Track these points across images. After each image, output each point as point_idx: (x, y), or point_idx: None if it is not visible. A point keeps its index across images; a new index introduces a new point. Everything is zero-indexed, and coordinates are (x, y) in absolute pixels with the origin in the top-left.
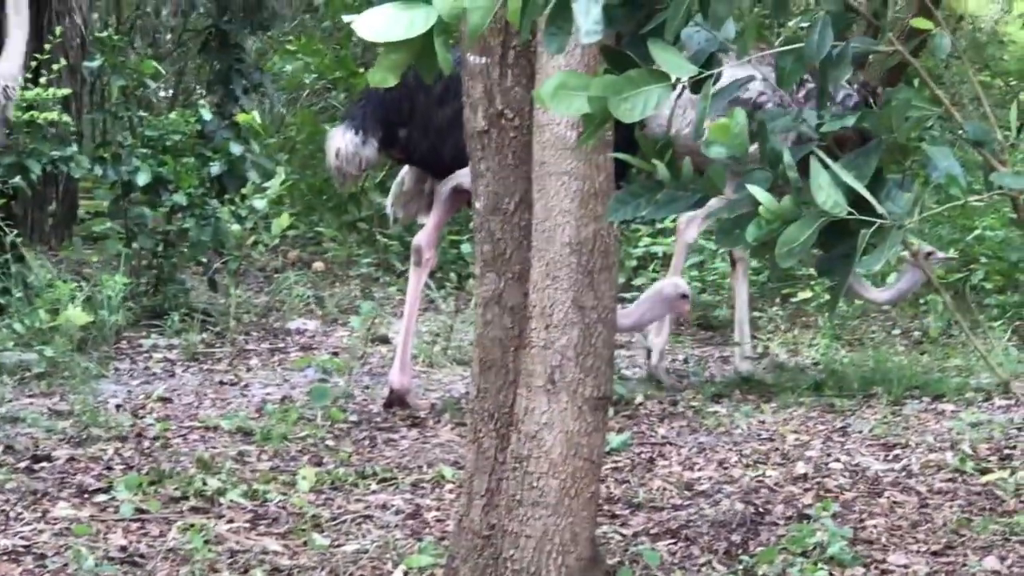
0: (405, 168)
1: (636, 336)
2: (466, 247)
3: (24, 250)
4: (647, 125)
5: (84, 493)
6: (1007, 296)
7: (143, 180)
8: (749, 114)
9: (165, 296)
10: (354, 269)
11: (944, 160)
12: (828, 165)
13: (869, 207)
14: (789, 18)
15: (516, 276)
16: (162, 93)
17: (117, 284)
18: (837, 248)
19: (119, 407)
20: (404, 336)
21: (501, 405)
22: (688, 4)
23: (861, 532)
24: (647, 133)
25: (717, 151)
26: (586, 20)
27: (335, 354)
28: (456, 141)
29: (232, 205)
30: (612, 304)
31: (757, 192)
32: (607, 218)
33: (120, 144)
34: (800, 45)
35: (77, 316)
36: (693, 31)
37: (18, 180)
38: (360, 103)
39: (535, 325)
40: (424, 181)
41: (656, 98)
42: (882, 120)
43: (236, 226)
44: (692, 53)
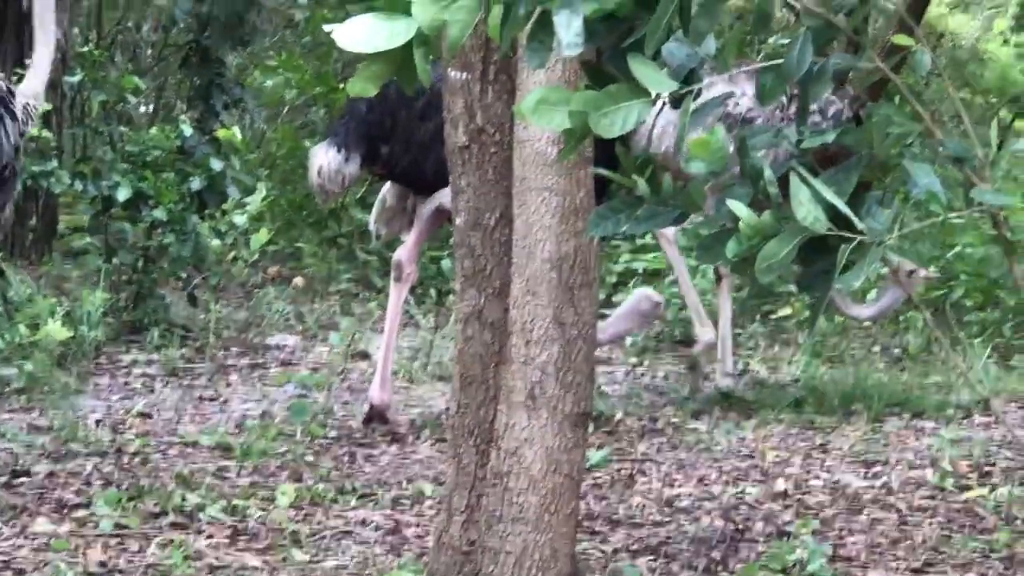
0: (387, 185)
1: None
2: (446, 263)
3: (4, 265)
4: (640, 140)
5: (63, 508)
6: (987, 313)
7: (123, 195)
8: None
9: (145, 311)
10: (334, 285)
11: (924, 177)
12: (808, 181)
13: (849, 223)
14: (770, 34)
15: (496, 292)
16: (142, 108)
17: (97, 299)
18: (817, 264)
19: (99, 422)
20: (384, 351)
21: (481, 421)
22: (668, 19)
23: (841, 549)
24: (644, 149)
25: (697, 167)
26: (567, 33)
27: (315, 370)
28: (438, 157)
29: (212, 221)
30: (592, 320)
31: (737, 208)
32: (587, 233)
33: (100, 159)
34: (780, 61)
35: (57, 331)
36: (674, 46)
37: None
38: (342, 120)
39: (515, 341)
40: (406, 198)
41: (636, 113)
42: (863, 136)
43: (216, 241)
44: (673, 68)
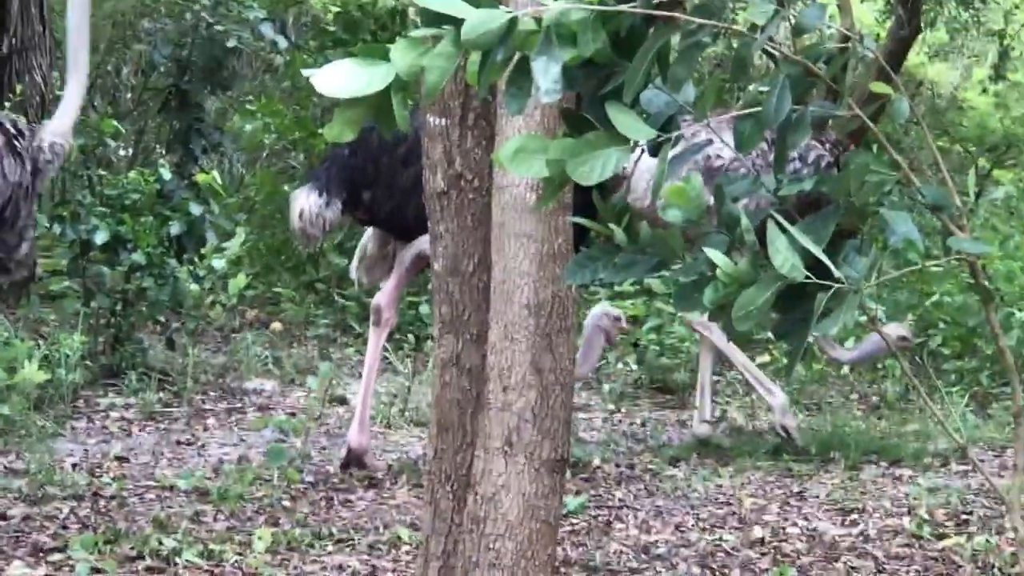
0: (369, 232)
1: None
2: (424, 308)
3: None
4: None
5: (39, 552)
6: (965, 362)
7: (101, 239)
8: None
9: (122, 355)
10: (312, 330)
11: (902, 225)
12: (786, 228)
13: (827, 271)
14: (749, 81)
15: (474, 338)
16: (122, 152)
17: (74, 343)
18: (794, 312)
19: (75, 466)
20: (363, 395)
21: (458, 467)
22: (647, 66)
23: None
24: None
25: (674, 215)
26: (545, 79)
27: (292, 414)
28: (419, 202)
29: (191, 265)
30: (570, 367)
31: (714, 255)
32: (565, 281)
33: (79, 203)
34: (759, 109)
35: (34, 374)
36: (652, 94)
37: None
38: (324, 164)
39: (493, 387)
40: (388, 245)
41: (615, 161)
42: (841, 184)
43: (194, 286)
44: (652, 115)
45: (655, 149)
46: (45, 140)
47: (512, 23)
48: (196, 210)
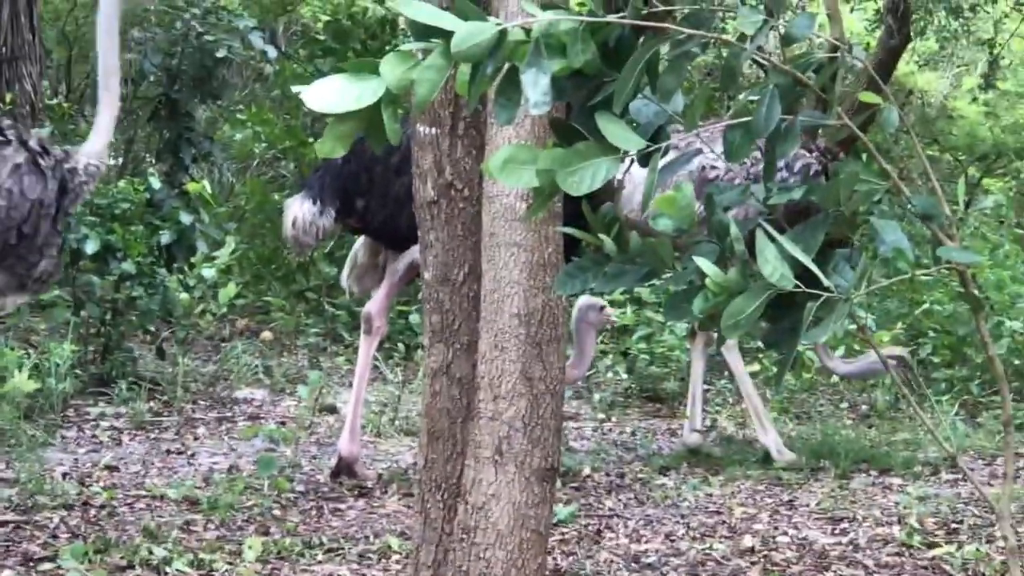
0: (359, 241)
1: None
2: (414, 317)
3: None
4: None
5: (30, 561)
6: (954, 370)
7: (91, 248)
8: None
9: (113, 364)
10: (302, 339)
11: (892, 234)
12: (775, 237)
13: (816, 280)
14: (738, 91)
15: (464, 347)
16: (111, 161)
17: (65, 352)
18: (784, 321)
19: (66, 475)
20: (354, 404)
21: (448, 476)
22: (636, 77)
23: None
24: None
25: (664, 224)
26: (534, 92)
27: (282, 423)
28: (412, 212)
29: (181, 274)
30: (560, 375)
31: (704, 265)
32: (555, 292)
33: None
34: (748, 119)
35: (24, 384)
36: (642, 104)
37: None
38: (318, 173)
39: (483, 396)
40: (378, 254)
41: (604, 171)
42: (830, 193)
43: (184, 295)
44: (641, 125)
45: (644, 159)
46: (80, 162)
47: (502, 35)
48: (186, 219)
